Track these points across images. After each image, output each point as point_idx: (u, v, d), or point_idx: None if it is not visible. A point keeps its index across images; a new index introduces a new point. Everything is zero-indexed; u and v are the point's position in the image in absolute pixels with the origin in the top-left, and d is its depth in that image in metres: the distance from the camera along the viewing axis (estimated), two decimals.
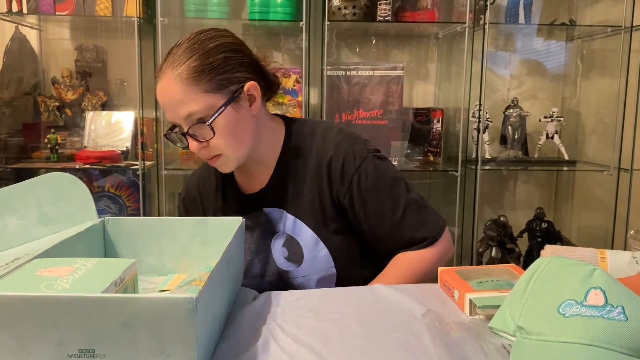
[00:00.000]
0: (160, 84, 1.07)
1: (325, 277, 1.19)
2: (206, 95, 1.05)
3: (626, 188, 2.19)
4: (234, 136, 1.09)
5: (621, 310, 0.70)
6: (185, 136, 1.08)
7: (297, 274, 1.20)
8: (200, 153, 1.10)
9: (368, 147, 1.19)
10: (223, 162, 1.12)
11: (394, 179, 1.18)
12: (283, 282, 1.20)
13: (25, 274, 0.77)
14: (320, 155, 1.17)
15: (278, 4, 2.13)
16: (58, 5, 2.15)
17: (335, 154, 1.15)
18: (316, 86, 2.31)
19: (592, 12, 2.42)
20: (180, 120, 1.07)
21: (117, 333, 0.64)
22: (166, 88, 1.06)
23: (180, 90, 1.04)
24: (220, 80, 1.06)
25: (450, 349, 0.79)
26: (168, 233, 1.09)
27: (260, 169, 1.20)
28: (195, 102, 1.04)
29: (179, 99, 1.04)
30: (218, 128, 1.06)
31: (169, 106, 1.07)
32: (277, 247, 1.21)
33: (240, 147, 1.11)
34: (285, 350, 0.79)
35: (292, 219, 1.19)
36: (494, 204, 2.60)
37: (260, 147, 1.17)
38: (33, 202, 1.04)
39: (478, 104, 2.22)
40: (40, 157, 2.26)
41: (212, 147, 1.09)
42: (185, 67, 1.04)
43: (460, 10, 2.24)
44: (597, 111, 2.41)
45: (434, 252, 1.18)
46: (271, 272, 1.21)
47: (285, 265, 1.20)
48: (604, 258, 1.02)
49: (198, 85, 1.04)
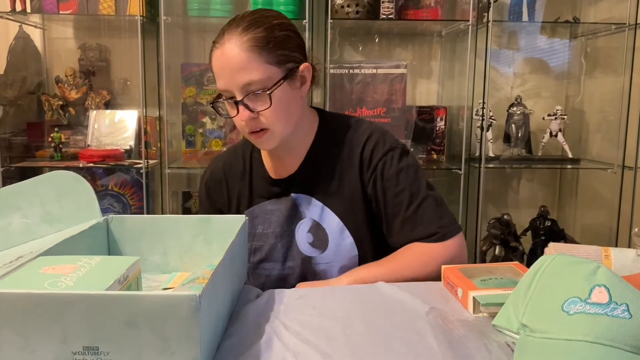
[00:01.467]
0: (220, 50, 1.09)
1: (348, 265, 1.19)
2: (267, 67, 1.08)
3: (630, 186, 2.19)
4: (285, 112, 1.12)
5: (625, 307, 0.70)
6: (237, 105, 1.09)
7: (321, 260, 1.20)
8: (248, 124, 1.10)
9: (398, 140, 1.22)
10: (268, 137, 1.13)
11: (416, 172, 1.20)
12: (305, 268, 1.21)
13: (29, 271, 0.77)
14: (353, 144, 1.19)
15: (281, 2, 2.13)
16: (61, 5, 2.16)
17: (367, 143, 1.18)
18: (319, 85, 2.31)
19: (596, 9, 2.41)
20: (236, 88, 1.08)
21: (121, 331, 0.64)
22: (229, 53, 1.07)
23: (244, 57, 1.06)
24: (281, 55, 1.10)
25: (454, 347, 0.78)
26: (172, 231, 1.10)
27: (291, 155, 1.22)
28: (256, 71, 1.07)
29: (241, 66, 1.06)
30: (273, 100, 1.08)
31: (228, 72, 1.08)
32: (302, 233, 1.21)
33: (287, 125, 1.14)
34: (289, 348, 0.79)
35: (319, 205, 1.20)
36: (497, 202, 2.60)
37: (296, 133, 1.19)
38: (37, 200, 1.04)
39: (481, 102, 2.21)
40: (44, 155, 2.26)
41: (262, 120, 1.10)
42: (252, 36, 1.07)
43: (464, 8, 2.23)
44: (601, 109, 2.40)
45: (443, 248, 1.14)
46: (293, 257, 1.21)
47: (309, 251, 1.21)
48: (608, 256, 1.02)
49: (261, 55, 1.07)
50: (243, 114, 1.09)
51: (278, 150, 1.19)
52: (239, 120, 1.11)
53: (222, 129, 2.28)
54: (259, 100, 1.08)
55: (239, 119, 1.11)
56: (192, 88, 2.26)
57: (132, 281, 0.84)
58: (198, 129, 2.27)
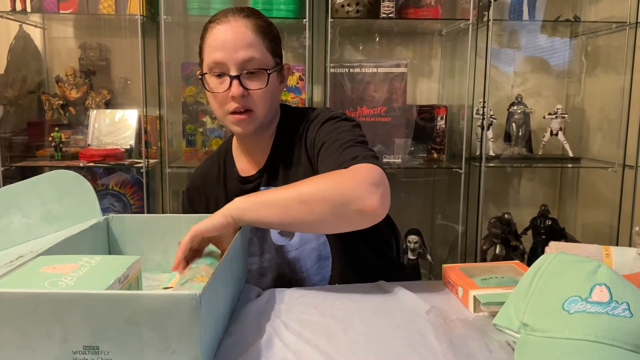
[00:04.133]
0: (224, 25, 1.13)
1: (318, 248, 1.20)
2: (266, 52, 1.14)
3: (631, 185, 2.18)
4: (271, 98, 1.17)
5: (626, 306, 0.70)
6: (232, 80, 1.11)
7: (290, 247, 1.22)
8: (237, 101, 1.12)
9: (341, 113, 1.21)
10: (251, 119, 1.15)
11: (352, 126, 1.15)
12: (280, 258, 1.23)
13: (29, 271, 0.77)
14: (303, 128, 1.21)
15: (281, 2, 2.12)
16: (62, 4, 2.15)
17: (311, 123, 1.20)
18: (319, 84, 2.31)
19: (597, 8, 2.40)
20: (234, 63, 1.11)
21: (122, 330, 0.64)
22: (235, 29, 1.12)
23: (249, 36, 1.12)
24: (275, 47, 1.18)
25: (455, 346, 0.78)
26: (172, 230, 1.10)
27: (259, 150, 1.25)
28: (258, 52, 1.13)
29: (247, 42, 1.12)
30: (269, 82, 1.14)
31: (231, 45, 1.11)
32: None
33: (269, 112, 1.18)
34: (290, 348, 0.79)
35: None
36: (498, 201, 2.60)
37: (267, 126, 1.23)
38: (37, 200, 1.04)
39: (482, 101, 2.21)
40: (44, 155, 2.26)
41: (250, 100, 1.13)
42: (256, 22, 1.15)
43: (464, 7, 2.23)
44: (602, 108, 2.40)
45: (357, 171, 0.99)
46: (269, 249, 1.23)
47: (279, 240, 1.23)
48: (609, 255, 1.02)
49: (263, 40, 1.14)
50: (237, 89, 1.11)
51: (249, 146, 1.25)
52: (225, 97, 1.13)
53: (222, 128, 2.28)
54: (256, 80, 1.13)
55: (227, 95, 1.12)
56: (193, 87, 2.26)
57: (133, 280, 0.84)
58: (198, 128, 2.27)
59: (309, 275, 1.23)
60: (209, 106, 2.24)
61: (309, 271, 1.23)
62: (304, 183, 0.99)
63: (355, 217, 0.95)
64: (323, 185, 0.97)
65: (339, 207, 0.94)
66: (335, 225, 1.00)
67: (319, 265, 1.22)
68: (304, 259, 1.22)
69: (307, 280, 1.23)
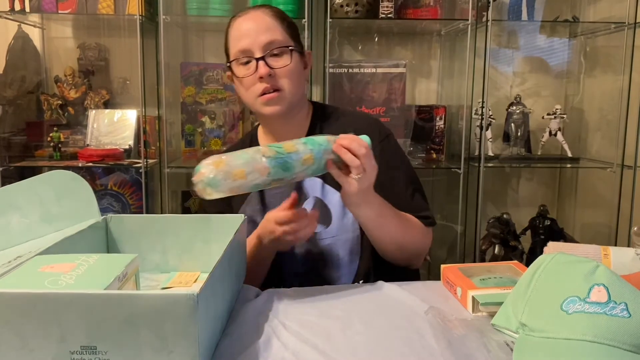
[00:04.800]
0: (244, 16, 1.23)
1: (352, 240, 1.25)
2: (286, 35, 1.23)
3: (630, 185, 2.18)
4: (297, 78, 1.24)
5: (624, 306, 0.70)
6: (258, 62, 1.18)
7: (326, 234, 1.25)
8: (265, 81, 1.19)
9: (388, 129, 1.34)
10: (279, 98, 1.20)
11: (408, 161, 1.33)
12: (312, 244, 1.25)
13: (27, 270, 0.77)
14: (346, 126, 1.24)
15: (280, 2, 2.12)
16: (60, 4, 2.15)
17: (360, 126, 1.24)
18: (318, 84, 2.31)
19: (595, 8, 2.41)
20: (258, 46, 1.19)
21: (119, 330, 0.64)
22: (255, 17, 1.22)
23: (268, 21, 1.22)
24: (293, 33, 1.26)
25: (453, 346, 0.78)
26: (171, 231, 1.10)
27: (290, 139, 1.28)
28: (279, 34, 1.21)
29: (267, 27, 1.20)
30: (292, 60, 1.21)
31: (254, 31, 1.19)
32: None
33: (296, 92, 1.23)
34: (288, 348, 0.79)
35: (319, 183, 1.26)
36: (497, 201, 2.60)
37: (296, 118, 1.28)
38: (36, 200, 1.04)
39: (481, 101, 2.21)
40: (43, 155, 2.26)
41: (277, 79, 1.20)
42: (271, 9, 1.25)
43: (463, 7, 2.23)
44: (601, 108, 2.40)
45: (428, 233, 1.27)
46: None
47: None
48: (607, 255, 1.02)
49: (282, 24, 1.23)
50: (263, 69, 1.17)
51: (278, 134, 1.28)
52: (253, 80, 1.19)
53: (221, 128, 2.28)
54: (280, 58, 1.20)
55: (256, 76, 1.18)
56: (192, 87, 2.26)
57: (131, 278, 0.84)
58: (197, 129, 2.27)
59: (340, 266, 1.26)
60: (208, 106, 2.26)
61: (341, 262, 1.26)
62: (409, 224, 1.21)
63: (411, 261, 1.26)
64: (418, 239, 1.23)
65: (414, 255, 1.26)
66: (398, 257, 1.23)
67: (350, 259, 1.26)
68: (337, 249, 1.25)
69: (338, 270, 1.26)
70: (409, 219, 1.21)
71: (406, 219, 1.20)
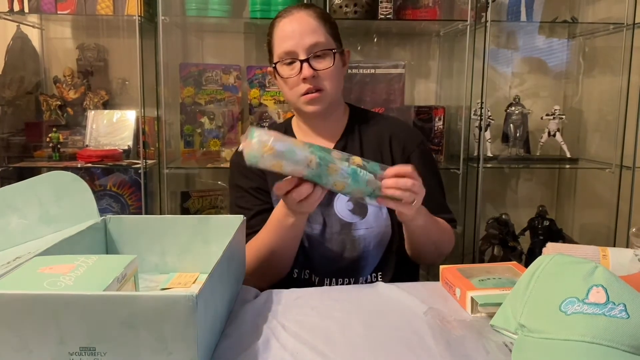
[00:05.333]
0: (289, 17, 1.27)
1: (385, 232, 1.31)
2: (328, 37, 1.27)
3: (628, 186, 2.19)
4: (338, 77, 1.29)
5: (623, 307, 0.70)
6: (302, 63, 1.23)
7: (361, 225, 1.30)
8: (308, 82, 1.24)
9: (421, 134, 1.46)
10: (321, 97, 1.26)
11: (438, 169, 1.42)
12: (345, 234, 1.30)
13: (26, 272, 0.77)
14: (382, 129, 1.36)
15: (279, 2, 2.12)
16: (59, 4, 2.15)
17: (396, 131, 1.35)
18: None
19: (594, 9, 2.41)
20: (302, 48, 1.23)
21: (118, 331, 0.64)
22: (300, 19, 1.26)
23: (312, 23, 1.25)
24: (335, 33, 1.30)
25: (452, 347, 0.79)
26: (170, 231, 1.10)
27: (327, 135, 1.35)
28: (322, 36, 1.25)
29: (311, 29, 1.24)
30: (334, 62, 1.26)
31: (298, 34, 1.24)
32: (342, 202, 1.30)
33: (337, 91, 1.30)
34: (287, 349, 0.79)
35: None
36: (496, 202, 2.60)
37: (334, 115, 1.35)
38: (35, 201, 1.04)
39: (480, 102, 2.21)
40: (42, 156, 2.26)
41: (320, 80, 1.25)
42: (315, 10, 1.29)
43: (462, 8, 2.23)
44: (599, 109, 2.40)
45: (454, 234, 1.35)
46: (332, 224, 1.30)
47: (349, 217, 1.30)
48: (606, 256, 1.02)
49: (325, 26, 1.27)
50: (308, 71, 1.23)
51: (316, 129, 1.34)
52: (298, 80, 1.24)
53: (220, 129, 2.28)
54: (323, 60, 1.25)
55: (300, 77, 1.23)
56: (191, 88, 2.26)
57: (130, 279, 0.84)
58: (196, 129, 2.27)
59: (368, 256, 1.30)
60: (207, 107, 2.26)
61: (369, 252, 1.30)
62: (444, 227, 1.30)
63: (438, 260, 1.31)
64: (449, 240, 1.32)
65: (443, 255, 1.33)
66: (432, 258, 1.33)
67: (377, 251, 1.31)
68: (369, 240, 1.30)
69: (365, 259, 1.30)
70: (442, 222, 1.30)
71: (441, 223, 1.29)
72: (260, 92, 2.28)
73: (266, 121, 2.26)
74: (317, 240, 1.30)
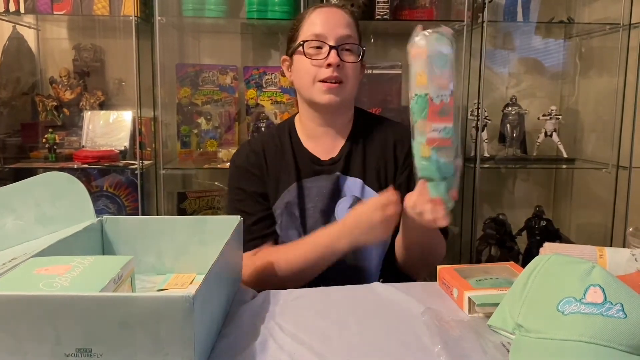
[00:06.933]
0: (327, 8, 1.31)
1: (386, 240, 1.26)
2: (357, 35, 1.30)
3: (625, 185, 2.19)
4: (357, 77, 1.31)
5: (620, 307, 0.70)
6: (331, 50, 1.24)
7: None
8: (333, 69, 1.24)
9: None
10: (340, 89, 1.26)
11: None
12: None
13: (22, 273, 0.77)
14: (387, 134, 1.35)
15: (276, 3, 2.12)
16: (55, 5, 2.15)
17: (400, 139, 1.33)
18: None
19: (591, 9, 2.41)
20: (334, 37, 1.25)
21: (115, 332, 0.64)
22: (334, 12, 1.29)
23: (348, 19, 1.29)
24: (360, 37, 1.32)
25: (450, 347, 0.78)
26: (166, 232, 1.09)
27: (332, 138, 1.34)
28: (354, 32, 1.29)
29: (347, 23, 1.28)
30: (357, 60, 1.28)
31: (334, 23, 1.26)
32: (343, 209, 1.29)
33: (353, 88, 1.30)
34: (284, 349, 0.79)
35: (359, 183, 1.31)
36: (493, 202, 2.60)
37: (342, 117, 1.34)
38: (31, 201, 1.04)
39: (476, 102, 2.21)
40: (38, 156, 2.25)
41: (343, 71, 1.26)
42: (348, 10, 1.33)
43: (459, 8, 2.23)
44: (596, 109, 2.41)
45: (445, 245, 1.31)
46: None
47: None
48: (603, 255, 1.02)
49: (356, 28, 1.31)
50: (335, 58, 1.24)
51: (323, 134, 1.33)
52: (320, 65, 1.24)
53: (217, 129, 2.28)
54: (350, 55, 1.27)
55: (324, 62, 1.24)
56: (187, 88, 2.25)
57: (126, 280, 0.83)
58: (193, 130, 2.27)
59: (371, 258, 1.30)
60: (204, 107, 2.25)
61: (372, 255, 1.30)
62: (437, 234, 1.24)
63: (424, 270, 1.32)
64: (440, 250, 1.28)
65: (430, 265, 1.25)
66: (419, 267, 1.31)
67: (380, 253, 1.30)
68: (370, 248, 1.28)
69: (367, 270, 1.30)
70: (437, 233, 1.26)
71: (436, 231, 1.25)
72: (257, 92, 2.28)
73: (263, 122, 2.26)
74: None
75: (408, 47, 0.99)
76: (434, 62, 0.99)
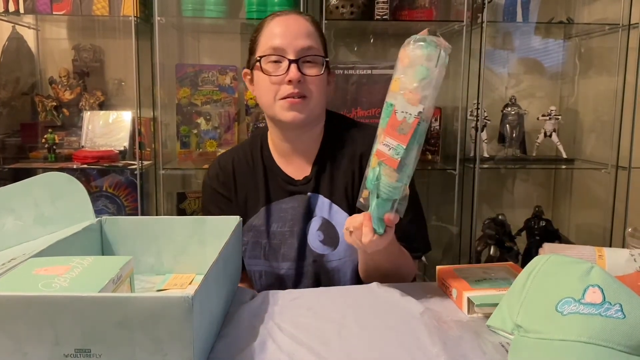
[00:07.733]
0: (285, 17, 1.21)
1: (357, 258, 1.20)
2: (320, 45, 1.21)
3: (624, 186, 2.19)
4: (323, 90, 1.21)
5: (619, 307, 0.70)
6: (291, 64, 1.15)
7: (333, 257, 1.22)
8: (293, 85, 1.15)
9: None
10: (304, 105, 1.17)
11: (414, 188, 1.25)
12: (318, 266, 1.23)
13: (21, 273, 0.77)
14: (356, 145, 1.25)
15: (276, 3, 2.12)
16: (55, 5, 2.15)
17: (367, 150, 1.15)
18: None
19: (590, 10, 2.41)
20: (293, 49, 1.16)
21: (114, 332, 0.64)
22: (296, 21, 1.20)
23: (309, 27, 1.20)
24: (325, 48, 1.24)
25: (449, 348, 0.78)
26: (166, 232, 1.09)
27: (302, 155, 1.26)
28: (316, 42, 1.19)
29: (306, 33, 1.18)
30: (321, 73, 1.19)
31: (293, 34, 1.17)
32: (313, 231, 1.23)
33: (319, 104, 1.21)
34: (283, 350, 0.79)
35: (327, 202, 1.24)
36: (492, 202, 2.60)
37: (310, 132, 1.25)
38: (30, 202, 1.04)
39: (476, 103, 2.21)
40: (37, 157, 2.25)
41: (306, 86, 1.17)
42: (311, 18, 1.24)
43: (458, 8, 2.23)
44: (595, 109, 2.41)
45: (414, 266, 1.26)
46: (306, 256, 1.23)
47: (320, 249, 1.23)
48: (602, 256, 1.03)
49: (319, 36, 1.22)
50: (295, 73, 1.15)
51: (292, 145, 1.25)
52: (280, 81, 1.16)
53: (216, 129, 2.28)
54: (313, 67, 1.18)
55: (285, 78, 1.15)
56: (187, 89, 2.25)
57: (125, 281, 0.83)
58: (192, 130, 2.27)
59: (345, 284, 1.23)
60: (203, 107, 2.25)
61: (347, 282, 1.23)
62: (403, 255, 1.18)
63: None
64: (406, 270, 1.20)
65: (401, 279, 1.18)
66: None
67: (356, 279, 1.23)
68: (345, 270, 1.23)
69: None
70: (403, 250, 1.18)
71: (402, 251, 1.18)
72: None
73: (262, 122, 2.26)
74: (294, 277, 1.24)
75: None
76: (413, 73, 0.90)
